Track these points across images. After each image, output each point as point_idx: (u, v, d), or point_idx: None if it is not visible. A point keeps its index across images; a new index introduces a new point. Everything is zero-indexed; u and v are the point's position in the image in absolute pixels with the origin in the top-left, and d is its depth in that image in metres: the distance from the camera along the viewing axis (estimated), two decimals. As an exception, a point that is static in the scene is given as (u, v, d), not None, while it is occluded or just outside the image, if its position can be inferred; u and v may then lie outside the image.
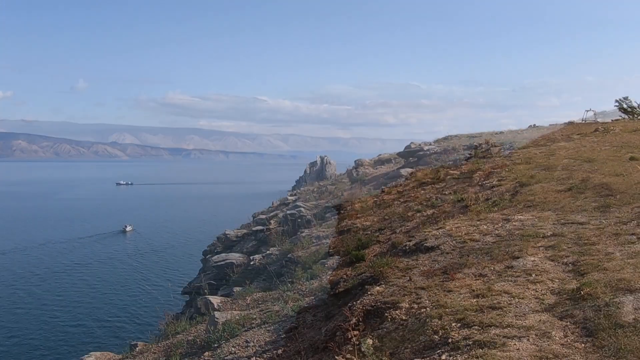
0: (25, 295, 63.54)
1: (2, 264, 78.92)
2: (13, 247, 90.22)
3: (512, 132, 40.84)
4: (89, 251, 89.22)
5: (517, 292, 6.37)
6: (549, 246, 7.92)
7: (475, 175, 19.21)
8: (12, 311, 57.52)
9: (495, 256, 7.74)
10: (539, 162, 17.32)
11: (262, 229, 28.70)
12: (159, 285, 64.69)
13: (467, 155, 26.18)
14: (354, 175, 32.23)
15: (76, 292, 64.14)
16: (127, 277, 71.12)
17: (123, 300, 58.99)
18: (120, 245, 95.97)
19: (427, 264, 8.00)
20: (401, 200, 22.37)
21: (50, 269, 76.11)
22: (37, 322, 54.11)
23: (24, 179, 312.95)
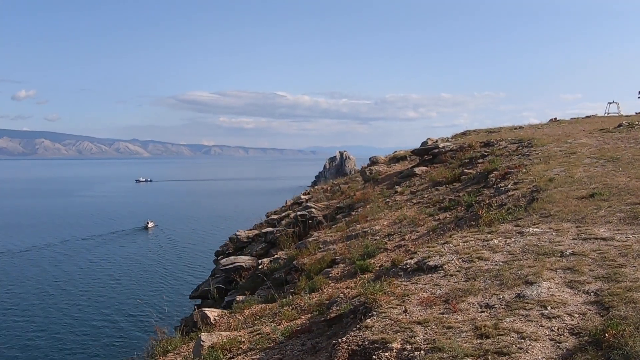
0: (53, 291, 63.96)
1: (27, 260, 79.73)
2: (37, 244, 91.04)
3: (532, 127, 39.49)
4: (113, 248, 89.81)
5: (529, 331, 5.37)
6: (567, 268, 6.89)
7: (490, 176, 18.15)
8: (42, 308, 57.94)
9: (506, 281, 6.73)
10: (559, 162, 16.21)
11: (272, 230, 27.77)
12: (176, 285, 64.76)
13: (483, 153, 25.03)
14: (367, 174, 31.14)
15: (93, 291, 64.24)
16: (146, 276, 71.14)
17: (137, 300, 58.80)
18: (143, 241, 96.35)
19: (427, 288, 7.01)
20: (414, 201, 21.39)
21: (77, 265, 76.80)
22: (59, 318, 54.50)
23: (47, 177, 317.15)
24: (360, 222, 19.82)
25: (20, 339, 48.97)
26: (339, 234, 19.00)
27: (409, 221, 17.10)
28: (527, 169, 16.25)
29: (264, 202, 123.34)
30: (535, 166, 16.43)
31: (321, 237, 18.87)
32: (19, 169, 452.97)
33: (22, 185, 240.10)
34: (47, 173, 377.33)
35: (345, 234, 18.39)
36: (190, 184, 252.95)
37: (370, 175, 30.60)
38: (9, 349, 46.89)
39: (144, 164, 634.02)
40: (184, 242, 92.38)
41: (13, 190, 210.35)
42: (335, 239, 18.42)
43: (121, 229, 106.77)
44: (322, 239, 18.66)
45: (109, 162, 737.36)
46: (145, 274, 71.53)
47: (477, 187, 18.13)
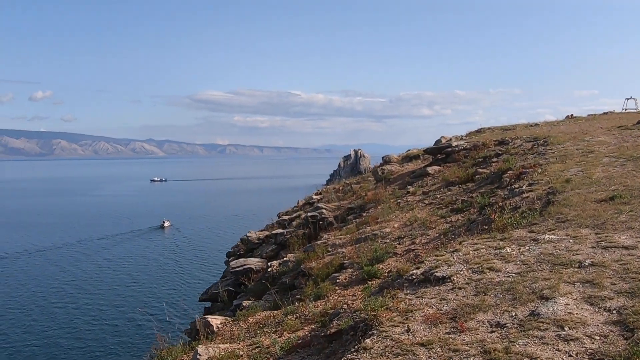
0: (72, 289, 64.32)
1: (46, 259, 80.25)
2: (56, 243, 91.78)
3: (547, 124, 38.67)
4: (130, 247, 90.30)
5: (545, 356, 4.81)
6: (586, 281, 6.31)
7: (505, 176, 17.53)
8: (61, 306, 58.20)
9: (519, 295, 6.17)
10: (576, 161, 15.55)
11: (282, 232, 27.31)
12: (192, 283, 64.78)
13: (498, 151, 24.37)
14: (379, 174, 30.56)
15: (111, 289, 64.50)
16: (164, 274, 71.31)
17: (149, 301, 58.83)
18: (159, 241, 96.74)
19: (433, 303, 6.47)
20: (426, 202, 20.80)
21: (96, 264, 77.23)
22: (77, 317, 54.80)
23: (64, 177, 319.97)
24: (370, 224, 19.28)
25: (39, 338, 49.28)
26: (349, 236, 18.48)
27: (420, 223, 16.54)
28: (542, 169, 15.62)
29: (278, 200, 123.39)
30: (551, 166, 15.79)
31: (330, 240, 18.36)
32: (36, 169, 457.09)
33: (39, 185, 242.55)
34: (64, 173, 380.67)
35: (354, 237, 17.86)
36: (204, 183, 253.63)
37: (382, 175, 30.03)
38: (29, 347, 47.19)
39: (159, 163, 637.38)
40: (200, 241, 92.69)
41: (30, 190, 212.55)
42: (344, 241, 17.91)
43: (138, 228, 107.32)
44: (331, 242, 18.15)
45: (124, 161, 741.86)
46: (163, 273, 71.82)
47: (490, 188, 17.53)
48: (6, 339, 48.73)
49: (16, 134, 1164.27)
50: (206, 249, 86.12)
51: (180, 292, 61.63)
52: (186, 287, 64.14)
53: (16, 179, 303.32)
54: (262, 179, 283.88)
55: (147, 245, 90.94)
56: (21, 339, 48.88)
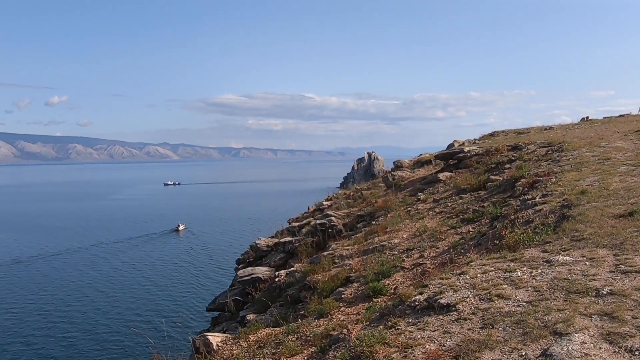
0: (90, 292, 64.67)
1: (63, 262, 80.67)
2: (73, 246, 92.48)
3: (562, 128, 37.83)
4: (146, 250, 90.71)
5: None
6: (604, 313, 5.71)
7: (517, 185, 16.90)
8: (79, 309, 58.38)
9: (530, 330, 5.59)
10: (592, 170, 14.89)
11: (290, 240, 26.79)
12: (209, 286, 64.61)
13: (511, 157, 23.71)
14: (390, 180, 29.98)
15: (128, 292, 64.70)
16: (180, 277, 71.44)
17: (165, 304, 58.72)
18: (175, 244, 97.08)
19: (435, 337, 5.91)
20: (436, 210, 20.21)
21: (113, 267, 77.57)
22: (96, 319, 55.00)
23: (79, 181, 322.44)
24: (379, 233, 18.71)
25: (57, 340, 49.58)
26: (356, 246, 17.94)
27: (429, 234, 15.96)
28: (557, 178, 14.99)
29: (292, 203, 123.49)
30: (565, 174, 15.15)
31: (337, 251, 17.81)
32: (51, 174, 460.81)
33: (54, 189, 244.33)
34: (79, 177, 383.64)
35: (362, 248, 17.32)
36: (218, 186, 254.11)
37: (392, 181, 29.43)
38: (48, 350, 47.43)
39: (173, 167, 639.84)
40: (215, 245, 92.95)
41: (46, 194, 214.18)
42: (351, 252, 17.36)
43: (153, 231, 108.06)
44: (338, 253, 17.60)
45: (139, 165, 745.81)
46: (179, 276, 71.97)
47: (502, 197, 16.91)
48: (24, 342, 49.03)
49: (33, 138, 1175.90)
50: (221, 252, 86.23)
51: (196, 295, 61.78)
52: (202, 290, 64.12)
53: (32, 183, 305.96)
54: (276, 182, 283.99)
55: (163, 249, 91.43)
56: (39, 342, 49.13)
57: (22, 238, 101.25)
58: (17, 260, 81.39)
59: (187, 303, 58.37)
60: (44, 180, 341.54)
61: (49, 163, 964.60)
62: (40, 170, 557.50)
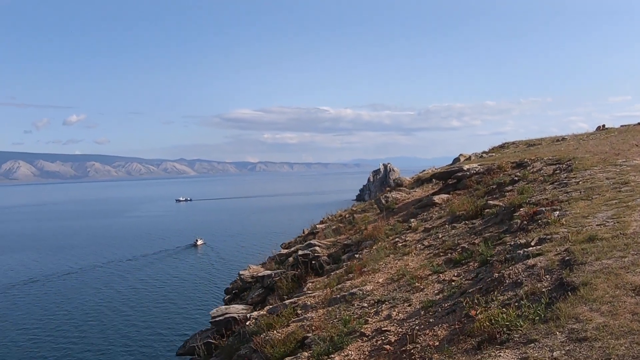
0: (109, 312, 62.90)
1: (85, 281, 79.54)
2: (92, 264, 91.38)
3: (576, 138, 34.79)
4: (166, 265, 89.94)
5: None
6: None
7: (516, 215, 13.93)
8: (98, 327, 57.06)
9: None
10: (605, 199, 11.89)
11: (269, 274, 23.96)
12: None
13: (514, 177, 20.71)
14: (382, 203, 27.08)
15: (148, 309, 62.93)
16: (198, 294, 69.35)
17: (176, 326, 56.76)
18: (193, 259, 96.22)
19: None
20: (425, 243, 17.32)
21: (134, 284, 75.99)
22: (114, 338, 53.53)
23: (97, 199, 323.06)
24: (355, 274, 15.88)
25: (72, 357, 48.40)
26: (326, 292, 15.08)
27: (407, 280, 13.09)
28: (561, 210, 12.04)
29: (309, 216, 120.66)
30: (572, 204, 12.21)
31: (302, 299, 14.92)
32: (71, 192, 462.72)
33: (73, 207, 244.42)
34: (97, 195, 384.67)
35: (330, 295, 14.43)
36: (232, 201, 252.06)
37: (385, 204, 26.52)
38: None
39: (189, 183, 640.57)
40: (233, 259, 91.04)
41: (65, 212, 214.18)
42: (318, 301, 14.51)
43: (172, 247, 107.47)
44: (302, 302, 14.73)
45: (155, 182, 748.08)
46: (198, 292, 69.92)
47: (497, 231, 14.02)
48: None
49: (51, 157, 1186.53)
50: (240, 266, 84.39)
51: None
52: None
53: (52, 202, 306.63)
54: (293, 195, 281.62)
55: (183, 264, 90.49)
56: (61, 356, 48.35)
57: (41, 257, 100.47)
58: (34, 279, 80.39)
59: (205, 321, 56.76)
60: (63, 198, 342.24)
61: (68, 182, 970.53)
62: (60, 189, 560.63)
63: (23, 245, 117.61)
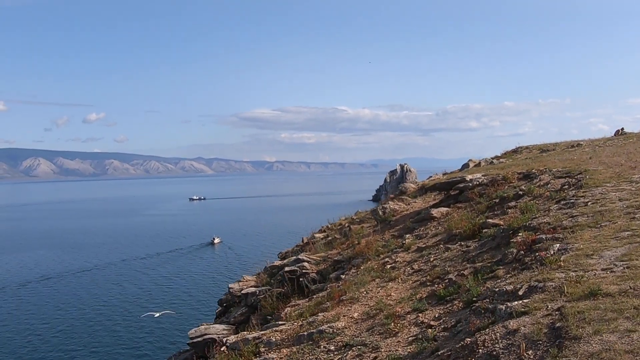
0: (130, 307, 63.04)
1: (103, 277, 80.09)
2: (112, 260, 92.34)
3: (592, 144, 32.66)
4: (186, 261, 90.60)
5: None
6: None
7: (513, 242, 12.01)
8: (120, 323, 57.02)
9: None
10: (616, 230, 9.96)
11: (253, 291, 22.21)
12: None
13: (519, 191, 18.73)
14: (379, 214, 25.20)
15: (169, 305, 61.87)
16: (212, 292, 68.72)
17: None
18: (210, 256, 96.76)
19: None
20: (414, 267, 15.45)
21: (153, 281, 76.32)
22: (134, 333, 53.53)
23: (115, 197, 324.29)
24: (332, 303, 14.07)
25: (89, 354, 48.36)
26: (295, 325, 13.30)
27: (383, 319, 11.27)
28: (563, 240, 10.15)
29: (325, 216, 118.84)
30: (577, 234, 10.32)
31: (266, 335, 13.10)
32: (90, 190, 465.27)
33: (92, 206, 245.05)
34: (115, 193, 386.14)
35: (298, 331, 12.62)
36: (247, 200, 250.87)
37: (382, 215, 24.64)
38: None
39: (206, 181, 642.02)
40: (251, 257, 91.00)
41: (84, 210, 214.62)
42: (284, 337, 12.72)
43: (190, 245, 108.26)
44: (266, 338, 12.92)
45: (173, 180, 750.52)
46: (216, 289, 69.02)
47: (491, 260, 12.17)
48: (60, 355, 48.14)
49: (71, 155, 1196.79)
50: (258, 264, 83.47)
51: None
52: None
53: (71, 199, 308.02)
54: (309, 195, 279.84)
55: (201, 262, 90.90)
56: (73, 353, 48.34)
57: (56, 254, 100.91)
58: (47, 277, 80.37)
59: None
60: (81, 196, 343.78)
61: (87, 179, 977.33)
62: (78, 187, 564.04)
63: (39, 243, 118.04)
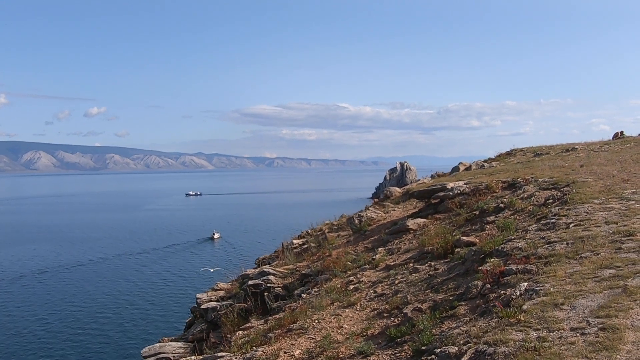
0: (133, 298, 62.89)
1: (92, 272, 79.42)
2: (111, 255, 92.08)
3: (587, 149, 31.03)
4: (186, 256, 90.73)
5: None
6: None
7: (479, 274, 10.22)
8: (124, 318, 56.73)
9: None
10: (597, 265, 8.21)
11: (214, 306, 20.50)
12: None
13: (500, 203, 16.99)
14: (355, 223, 23.45)
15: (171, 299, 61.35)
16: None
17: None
18: (211, 251, 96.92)
19: None
20: (378, 290, 13.74)
21: (153, 275, 76.18)
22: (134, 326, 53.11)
23: (114, 191, 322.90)
24: (278, 333, 12.44)
25: (84, 346, 48.20)
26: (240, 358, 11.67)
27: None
28: (534, 277, 8.44)
29: (324, 214, 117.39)
30: (551, 268, 8.61)
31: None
32: (90, 184, 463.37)
33: (92, 199, 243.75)
34: (116, 187, 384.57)
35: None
36: (244, 197, 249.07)
37: (358, 225, 22.91)
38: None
39: (205, 177, 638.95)
40: (251, 251, 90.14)
41: (84, 204, 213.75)
42: (216, 376, 11.02)
43: (190, 239, 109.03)
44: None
45: (174, 175, 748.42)
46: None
47: (454, 292, 10.49)
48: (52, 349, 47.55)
49: (72, 149, 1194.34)
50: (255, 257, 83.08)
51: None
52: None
53: (71, 193, 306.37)
54: (309, 192, 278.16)
55: (201, 256, 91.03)
56: (65, 347, 47.87)
57: (53, 248, 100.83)
58: (43, 270, 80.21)
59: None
60: (80, 190, 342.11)
61: (87, 173, 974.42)
62: (78, 181, 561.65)
63: (37, 236, 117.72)
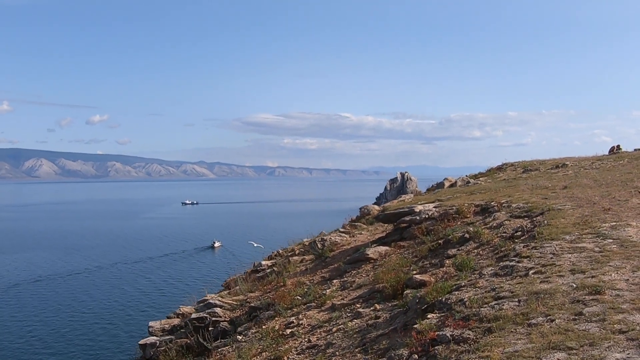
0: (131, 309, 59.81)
1: (87, 281, 76.60)
2: (109, 263, 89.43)
3: (578, 165, 29.24)
4: (188, 264, 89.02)
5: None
6: None
7: (409, 341, 8.15)
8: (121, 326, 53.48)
9: None
10: (550, 334, 6.15)
11: (154, 342, 18.40)
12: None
13: (466, 233, 14.95)
14: (317, 248, 21.34)
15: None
16: None
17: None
18: (211, 260, 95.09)
19: None
20: (312, 340, 11.65)
21: (153, 284, 73.77)
22: None
23: (115, 199, 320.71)
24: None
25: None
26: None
27: None
28: (465, 351, 6.35)
29: (325, 223, 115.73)
30: (488, 342, 6.62)
31: None
32: (90, 191, 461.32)
33: (93, 207, 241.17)
34: (112, 195, 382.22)
35: None
36: (243, 206, 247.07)
37: (321, 249, 20.90)
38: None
39: (205, 185, 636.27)
40: (250, 259, 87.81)
41: (85, 212, 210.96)
42: None
43: (190, 248, 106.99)
44: None
45: (175, 183, 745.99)
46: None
47: (384, 354, 8.33)
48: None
49: (73, 156, 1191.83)
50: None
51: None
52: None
53: (72, 201, 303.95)
54: (309, 201, 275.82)
55: (201, 265, 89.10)
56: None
57: (50, 256, 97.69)
58: (38, 279, 77.29)
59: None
60: (81, 198, 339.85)
61: (88, 181, 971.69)
62: (79, 188, 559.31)
63: (36, 244, 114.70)
